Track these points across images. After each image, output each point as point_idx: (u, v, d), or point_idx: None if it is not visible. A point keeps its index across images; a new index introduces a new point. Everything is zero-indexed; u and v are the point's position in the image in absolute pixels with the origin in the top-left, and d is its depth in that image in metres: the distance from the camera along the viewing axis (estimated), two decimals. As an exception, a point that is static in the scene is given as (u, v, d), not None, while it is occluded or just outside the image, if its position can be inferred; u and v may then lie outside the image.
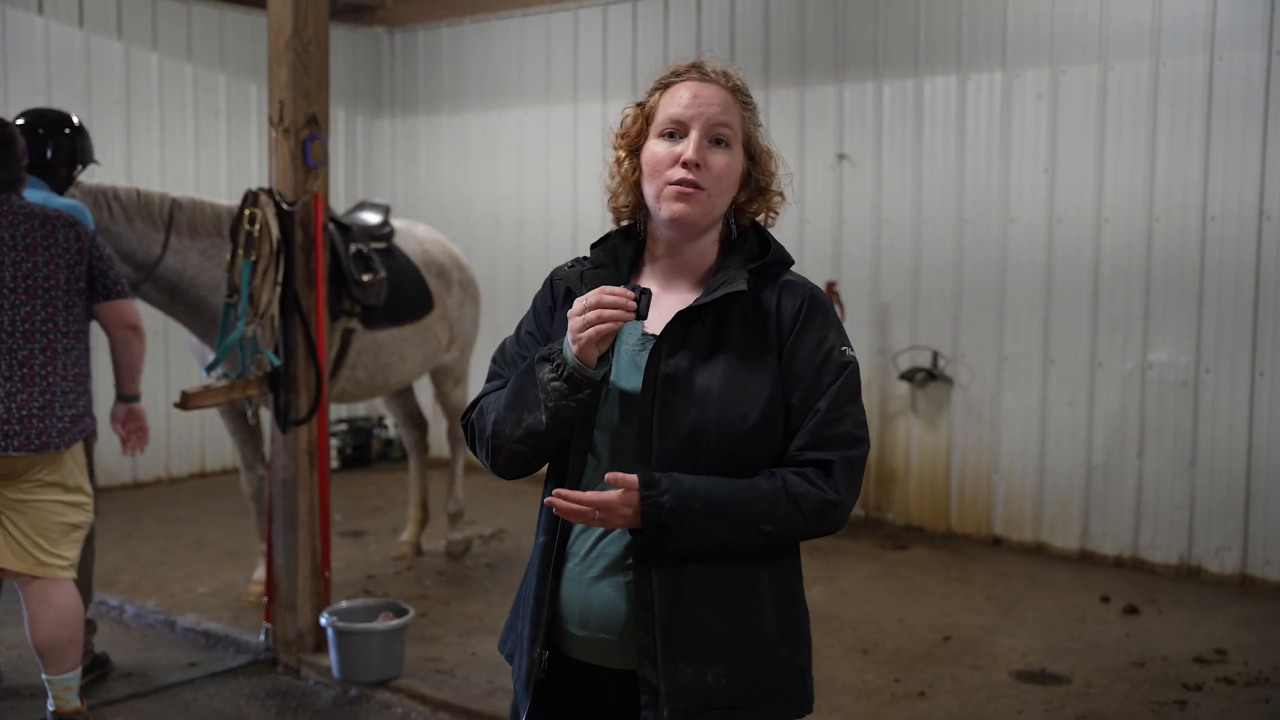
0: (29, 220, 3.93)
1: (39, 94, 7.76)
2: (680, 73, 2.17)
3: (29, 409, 3.85)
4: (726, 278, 2.12)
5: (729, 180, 2.12)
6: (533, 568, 2.18)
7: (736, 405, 2.06)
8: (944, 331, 7.05)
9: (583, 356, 2.00)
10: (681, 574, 2.05)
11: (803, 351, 2.11)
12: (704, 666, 2.06)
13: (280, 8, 4.59)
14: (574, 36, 8.41)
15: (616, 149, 2.22)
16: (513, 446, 2.10)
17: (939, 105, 7.00)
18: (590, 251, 2.24)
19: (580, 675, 2.15)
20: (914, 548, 6.85)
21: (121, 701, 4.52)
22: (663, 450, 2.05)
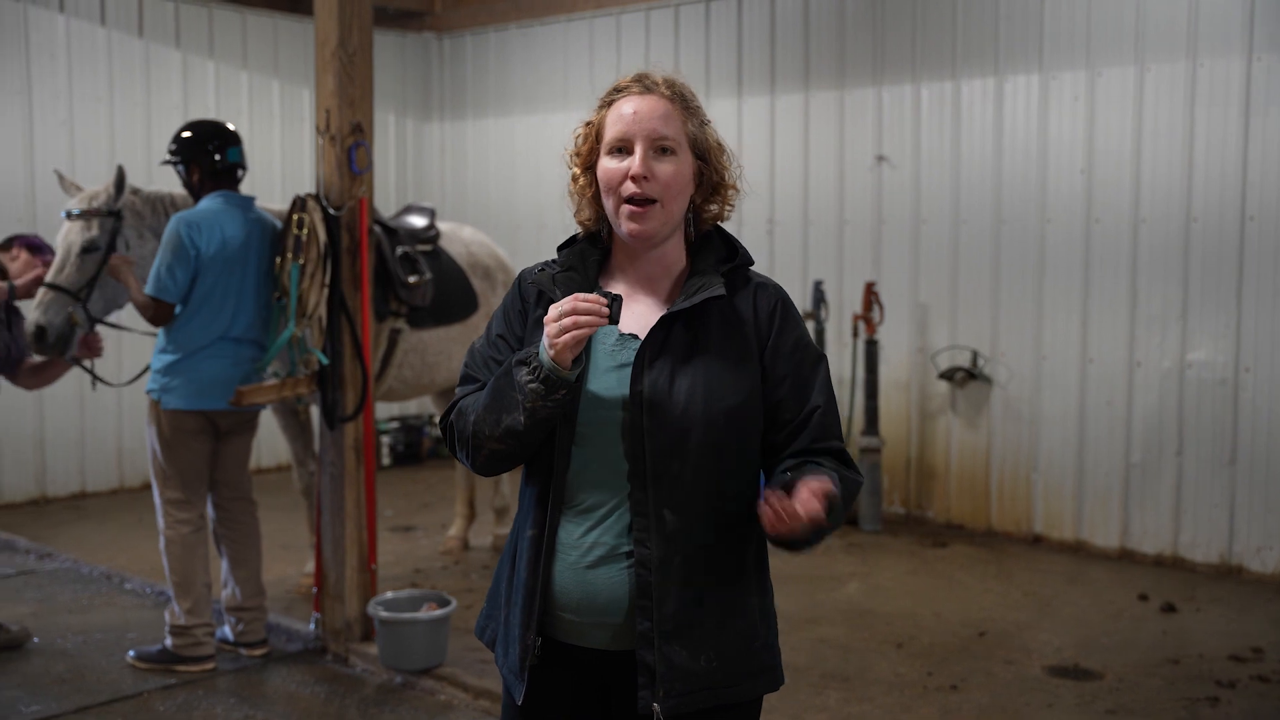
0: None
1: (100, 100, 8.02)
2: (621, 88, 2.28)
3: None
4: (704, 283, 2.24)
5: (679, 185, 2.23)
6: (521, 560, 2.29)
7: (720, 401, 2.20)
8: (983, 331, 7.10)
9: (559, 360, 2.11)
10: (680, 564, 2.18)
11: (784, 349, 2.27)
12: (697, 651, 2.20)
13: (326, 19, 4.75)
14: (616, 41, 8.54)
15: (571, 168, 2.33)
16: (492, 446, 2.22)
17: (976, 107, 7.05)
18: (558, 254, 2.36)
19: (570, 657, 2.28)
20: (953, 545, 6.91)
21: (180, 686, 4.71)
22: (653, 448, 2.17)
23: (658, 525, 2.18)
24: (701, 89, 8.06)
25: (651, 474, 2.18)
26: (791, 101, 7.75)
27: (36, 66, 7.79)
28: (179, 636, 4.83)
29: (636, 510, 2.19)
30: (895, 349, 7.39)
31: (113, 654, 5.03)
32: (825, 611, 5.75)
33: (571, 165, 2.33)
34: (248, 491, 5.10)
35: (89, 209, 5.09)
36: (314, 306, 4.75)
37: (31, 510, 7.66)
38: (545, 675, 2.29)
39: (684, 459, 2.18)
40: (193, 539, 4.85)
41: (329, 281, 4.78)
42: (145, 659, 4.87)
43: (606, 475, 2.22)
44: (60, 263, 5.06)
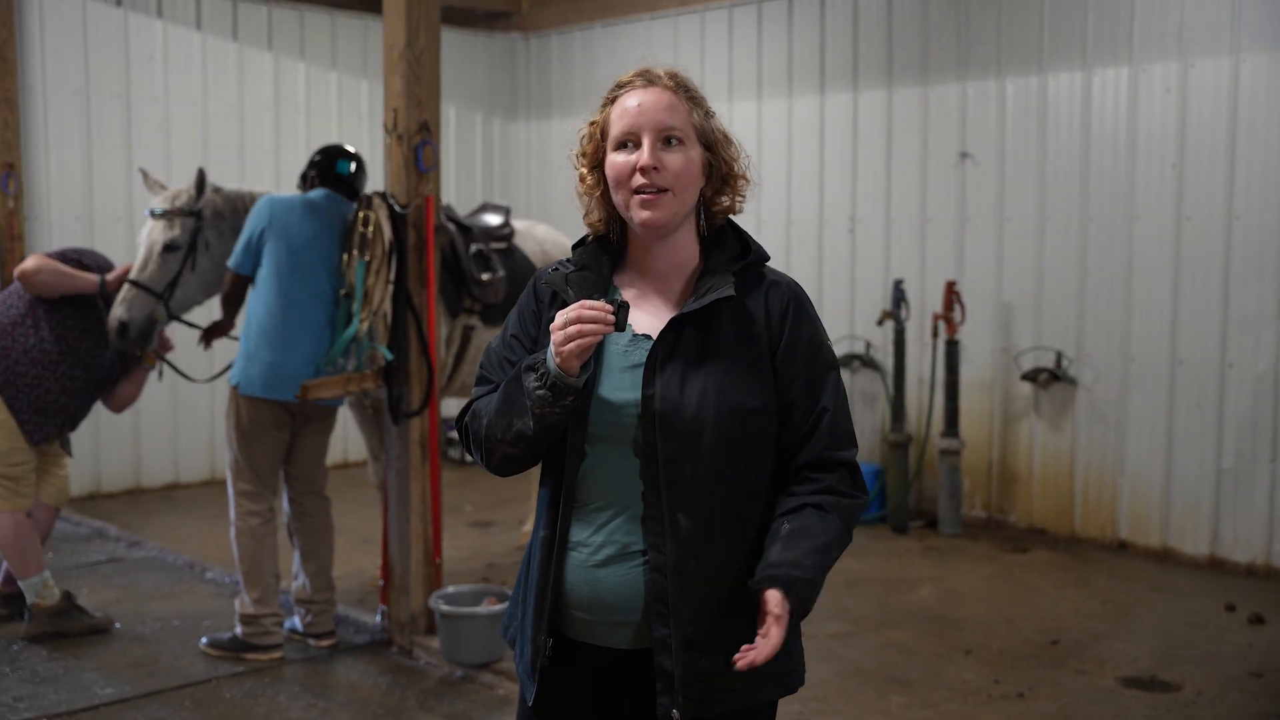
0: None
1: (195, 103, 8.24)
2: (624, 83, 2.26)
3: None
4: (714, 283, 2.22)
5: (689, 175, 2.21)
6: (534, 560, 2.29)
7: (732, 404, 2.17)
8: (1068, 331, 6.93)
9: (565, 367, 2.10)
10: (695, 569, 2.16)
11: (797, 348, 2.24)
12: (716, 656, 2.17)
13: (394, 21, 4.82)
14: (700, 38, 8.52)
15: (578, 168, 2.32)
16: (504, 449, 2.22)
17: (1063, 102, 6.89)
18: (572, 253, 2.35)
19: (583, 657, 2.27)
20: (1034, 551, 6.75)
21: (248, 674, 4.82)
22: (666, 452, 2.15)
23: (672, 529, 2.16)
24: (783, 86, 8.02)
25: (664, 478, 2.16)
26: (874, 98, 7.66)
27: (135, 71, 8.03)
28: (248, 625, 4.94)
29: (650, 515, 2.18)
30: (977, 349, 7.25)
31: (188, 641, 5.17)
32: (896, 615, 5.67)
33: (578, 165, 2.33)
34: (322, 487, 5.19)
35: (171, 208, 5.24)
36: (379, 303, 4.82)
37: (127, 500, 7.91)
38: (557, 675, 2.29)
39: (696, 463, 2.16)
40: (261, 530, 4.96)
41: (394, 278, 4.84)
42: (216, 646, 4.99)
43: (618, 477, 2.20)
44: (143, 261, 5.21)
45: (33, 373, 5.03)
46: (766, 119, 8.19)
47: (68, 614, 5.19)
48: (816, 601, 2.17)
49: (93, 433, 7.76)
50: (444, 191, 9.17)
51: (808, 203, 7.98)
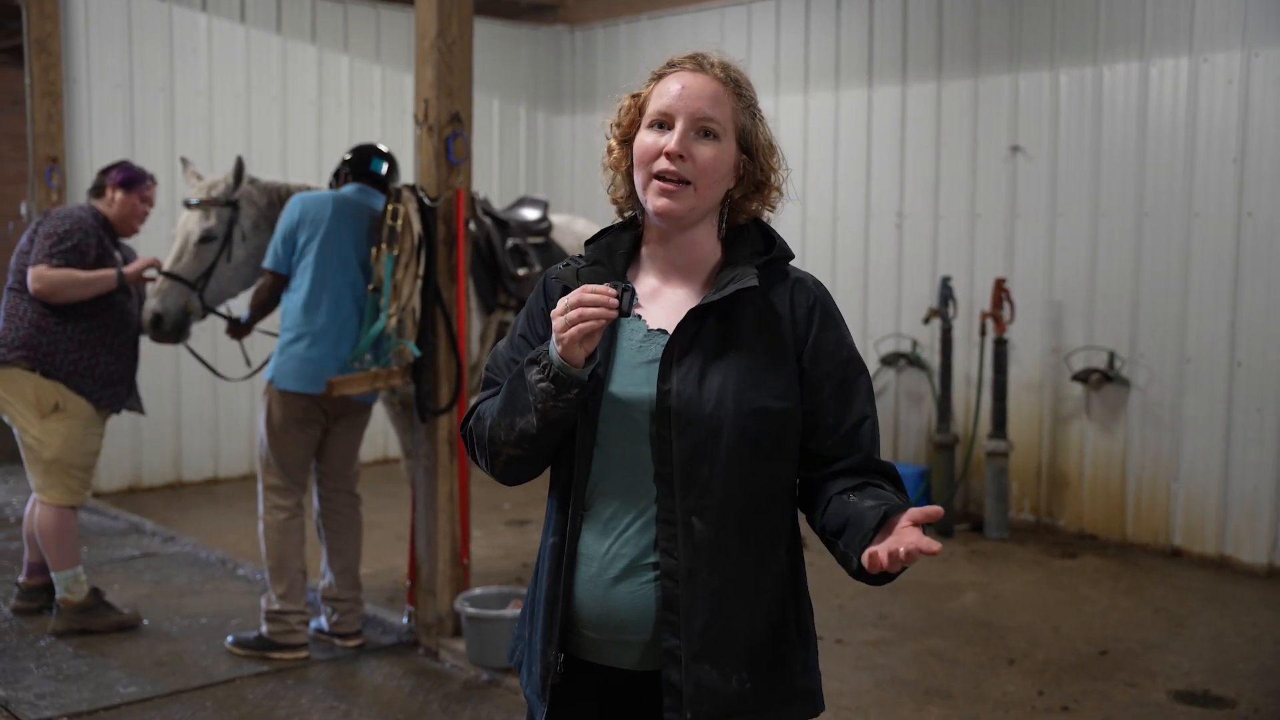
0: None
1: (239, 96, 8.22)
2: (675, 63, 2.13)
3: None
4: (736, 274, 2.08)
5: (716, 173, 2.08)
6: (542, 570, 2.16)
7: (753, 401, 2.03)
8: (1121, 331, 6.71)
9: (567, 356, 1.97)
10: (709, 577, 2.03)
11: (826, 349, 2.10)
12: (729, 670, 2.04)
13: (426, 10, 4.73)
14: (747, 30, 8.37)
15: (609, 139, 2.19)
16: (509, 451, 2.09)
17: (1119, 94, 6.67)
18: (585, 248, 2.22)
19: (595, 678, 2.13)
20: (1084, 556, 6.55)
21: (271, 674, 4.76)
22: (681, 450, 2.02)
23: (685, 534, 2.03)
24: (830, 79, 7.85)
25: (679, 478, 2.03)
26: (923, 91, 7.47)
27: (179, 64, 8.02)
28: (273, 623, 4.87)
29: (663, 518, 2.04)
30: (1027, 349, 7.05)
31: (214, 639, 5.11)
32: (938, 622, 5.50)
33: (609, 136, 2.20)
34: (352, 484, 5.12)
35: (207, 199, 5.20)
36: (407, 298, 4.73)
37: (168, 494, 7.91)
38: (569, 696, 2.15)
39: (714, 463, 2.02)
40: (288, 526, 4.89)
41: (423, 273, 4.75)
42: (241, 645, 4.93)
43: (631, 480, 2.07)
44: (178, 251, 5.17)
45: (88, 354, 5.08)
46: (813, 112, 8.02)
47: (94, 610, 5.16)
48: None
49: (133, 427, 7.77)
50: (488, 185, 9.13)
51: (854, 198, 7.81)
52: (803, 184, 8.06)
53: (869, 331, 7.76)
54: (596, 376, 2.06)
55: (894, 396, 7.71)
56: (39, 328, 5.05)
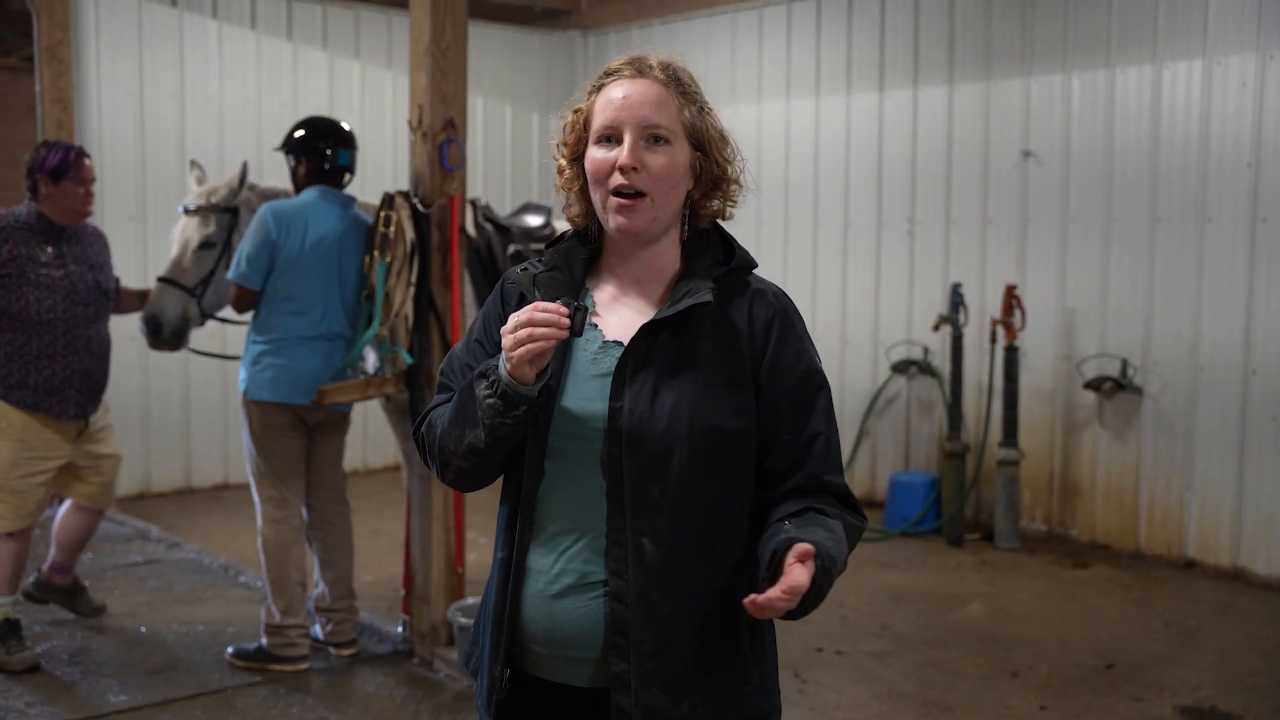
0: None
1: (250, 103, 8.23)
2: (612, 71, 2.07)
3: None
4: (691, 287, 2.02)
5: (671, 179, 2.01)
6: (490, 584, 2.11)
7: (708, 418, 1.97)
8: (1134, 338, 6.61)
9: (516, 374, 1.92)
10: (659, 600, 1.97)
11: (783, 364, 2.03)
12: (679, 695, 1.98)
13: (420, 16, 4.70)
14: (758, 34, 8.32)
15: (558, 159, 2.12)
16: (458, 463, 2.04)
17: (1132, 97, 6.57)
18: (544, 253, 2.17)
19: (543, 693, 2.08)
20: (1095, 567, 6.44)
21: (264, 683, 4.73)
22: (632, 470, 1.97)
23: (635, 555, 1.97)
24: (842, 83, 7.79)
25: (630, 499, 1.97)
26: (934, 95, 7.39)
27: (189, 70, 8.04)
28: (274, 636, 4.84)
29: (613, 538, 1.98)
30: (1039, 356, 6.95)
31: (210, 648, 5.09)
32: (941, 634, 5.42)
33: (557, 156, 2.14)
34: (341, 493, 5.09)
35: (206, 205, 5.18)
36: (399, 305, 4.70)
37: (177, 500, 7.91)
38: (517, 711, 2.10)
39: (665, 483, 1.96)
40: (287, 538, 4.86)
41: (415, 280, 4.72)
42: (242, 657, 4.90)
43: (580, 496, 2.01)
44: (177, 258, 5.16)
45: (16, 366, 4.74)
46: (824, 117, 7.95)
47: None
48: (821, 596, 1.88)
49: (143, 432, 7.79)
50: (500, 191, 9.10)
51: (865, 204, 7.73)
52: (814, 190, 8.00)
53: (880, 338, 7.69)
54: (549, 389, 2.01)
55: (905, 404, 7.63)
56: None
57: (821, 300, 7.94)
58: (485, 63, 9.07)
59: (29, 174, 4.89)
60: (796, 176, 8.09)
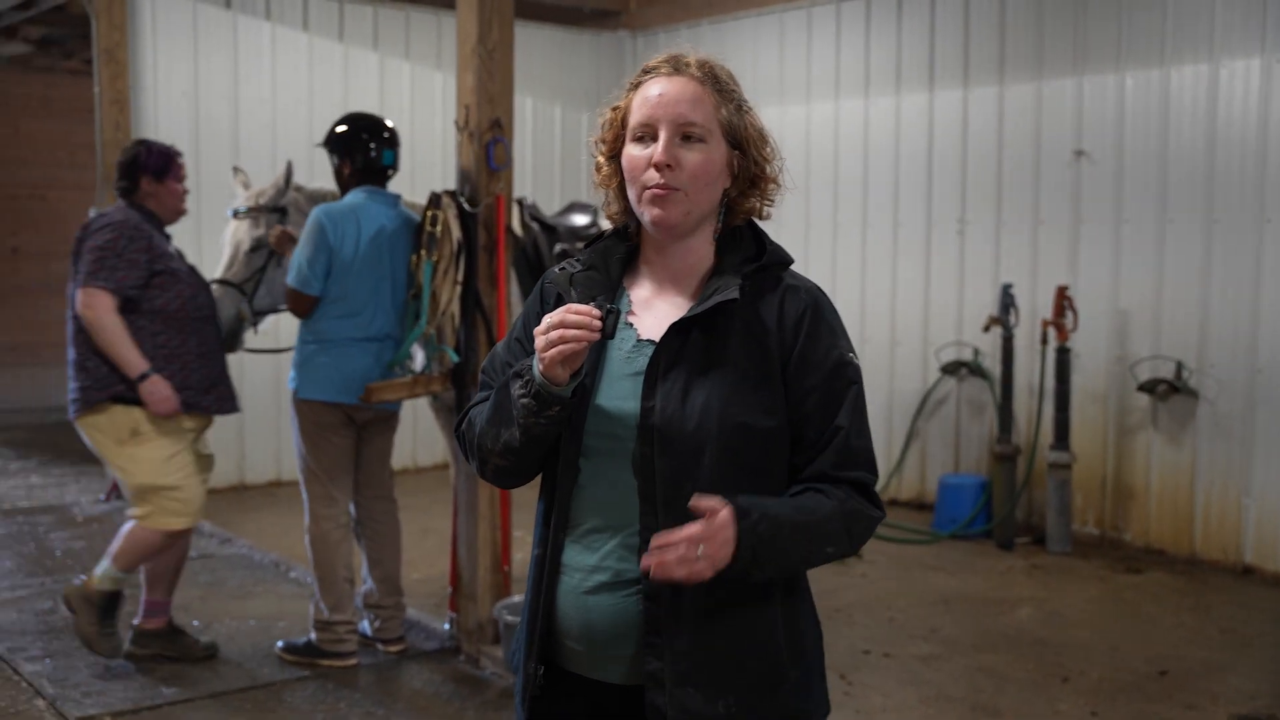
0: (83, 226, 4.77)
1: (301, 103, 8.31)
2: (650, 69, 2.07)
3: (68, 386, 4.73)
4: (720, 284, 2.02)
5: (707, 177, 2.01)
6: (528, 581, 2.13)
7: (738, 416, 1.97)
8: (1189, 340, 6.51)
9: (549, 375, 1.93)
10: (693, 598, 1.97)
11: (812, 360, 2.02)
12: (714, 694, 1.98)
13: (467, 15, 4.73)
14: (807, 35, 8.28)
15: (596, 155, 2.13)
16: (496, 461, 2.06)
17: (1187, 96, 6.47)
18: (583, 252, 2.17)
19: (579, 689, 2.09)
20: (1149, 572, 6.35)
21: (312, 678, 4.77)
22: (664, 468, 1.97)
23: None
24: (891, 83, 7.74)
25: (662, 497, 1.97)
26: (985, 95, 7.32)
27: (243, 72, 8.13)
28: (322, 631, 4.89)
29: (646, 537, 1.97)
30: (1091, 358, 6.86)
31: (260, 642, 5.14)
32: (990, 638, 5.36)
33: (596, 153, 2.14)
34: (389, 491, 5.12)
35: (255, 206, 5.24)
36: (445, 304, 4.72)
37: (230, 496, 8.00)
38: (552, 708, 2.11)
39: (697, 481, 1.96)
40: (336, 536, 4.90)
41: (461, 279, 4.74)
42: (291, 651, 4.95)
43: (613, 494, 2.02)
44: (229, 260, 5.22)
45: (177, 367, 4.66)
46: (873, 117, 7.91)
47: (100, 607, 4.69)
48: (766, 568, 1.90)
49: (196, 429, 7.88)
50: (549, 191, 9.13)
51: (915, 204, 7.68)
52: (863, 190, 7.95)
53: (929, 339, 7.63)
54: (583, 388, 2.02)
55: (955, 406, 7.56)
56: (91, 351, 4.63)
57: (871, 301, 7.89)
58: (534, 63, 9.11)
59: (128, 173, 4.80)
60: (845, 177, 8.05)
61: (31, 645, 5.08)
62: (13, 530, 7.07)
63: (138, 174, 4.81)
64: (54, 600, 5.69)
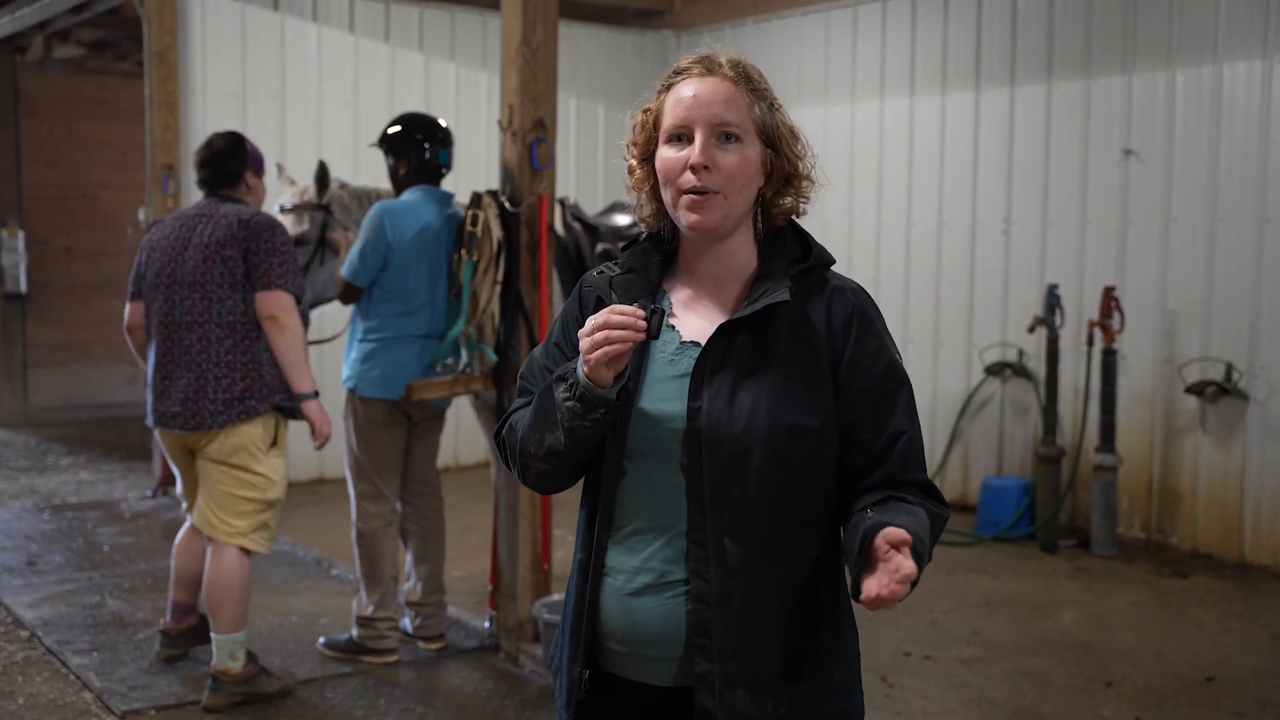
0: (200, 220, 4.45)
1: (347, 104, 8.38)
2: (681, 70, 2.06)
3: (186, 392, 4.36)
4: (769, 286, 2.01)
5: (744, 177, 2.00)
6: (571, 584, 2.12)
7: (786, 417, 1.96)
8: (1239, 342, 6.42)
9: (594, 377, 1.92)
10: (742, 600, 1.97)
11: (863, 362, 2.02)
12: (764, 696, 1.97)
13: (511, 15, 4.74)
14: (852, 33, 8.24)
15: (628, 159, 2.12)
16: (539, 465, 2.05)
17: (1240, 94, 6.38)
18: (620, 256, 2.16)
19: (624, 692, 2.08)
20: (1196, 576, 6.27)
21: (354, 674, 4.81)
22: (712, 469, 1.96)
23: (717, 555, 1.96)
24: (937, 82, 7.68)
25: (710, 498, 1.96)
26: (1032, 94, 7.25)
27: (290, 73, 8.21)
28: (364, 628, 4.92)
29: (694, 539, 1.98)
30: (1138, 359, 6.78)
31: (302, 638, 5.19)
32: (1033, 641, 5.31)
33: (628, 156, 2.13)
34: (436, 488, 5.15)
35: (300, 203, 5.30)
36: (485, 303, 4.75)
37: (275, 493, 8.06)
38: (595, 713, 2.10)
39: (745, 483, 1.95)
40: (383, 532, 4.93)
41: (501, 278, 4.76)
42: (332, 647, 4.99)
43: (659, 496, 2.01)
44: None
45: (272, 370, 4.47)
46: (919, 116, 7.85)
47: (255, 679, 4.49)
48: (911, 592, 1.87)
49: (242, 426, 7.95)
50: (592, 191, 9.14)
51: (960, 204, 7.62)
52: (908, 190, 7.90)
53: (974, 340, 7.57)
54: (627, 391, 2.01)
55: (999, 407, 7.50)
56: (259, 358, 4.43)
57: (914, 301, 7.84)
58: (579, 63, 9.12)
59: (232, 165, 4.58)
60: (890, 176, 8.00)
61: (79, 639, 5.15)
62: (62, 526, 7.18)
63: (242, 167, 4.62)
64: (101, 595, 5.77)
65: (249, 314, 4.41)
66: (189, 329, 4.39)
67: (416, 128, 5.05)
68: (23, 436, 10.18)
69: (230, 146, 4.62)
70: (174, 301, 4.42)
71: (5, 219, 10.64)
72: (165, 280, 4.44)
